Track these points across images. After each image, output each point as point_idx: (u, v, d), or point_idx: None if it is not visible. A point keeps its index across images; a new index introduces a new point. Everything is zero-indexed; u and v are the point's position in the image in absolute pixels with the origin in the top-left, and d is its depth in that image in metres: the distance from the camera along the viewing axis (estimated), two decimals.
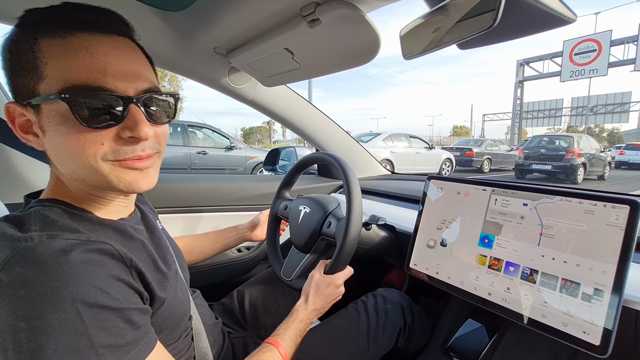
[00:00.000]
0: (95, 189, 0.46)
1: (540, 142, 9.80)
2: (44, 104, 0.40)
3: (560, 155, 9.00)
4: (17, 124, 0.43)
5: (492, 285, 0.67)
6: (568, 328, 0.55)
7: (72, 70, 0.39)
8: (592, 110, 27.19)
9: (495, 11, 0.47)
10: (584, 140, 9.72)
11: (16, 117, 0.42)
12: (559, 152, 9.09)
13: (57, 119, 0.40)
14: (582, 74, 17.49)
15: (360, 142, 1.52)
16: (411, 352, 0.86)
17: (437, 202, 0.81)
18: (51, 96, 0.39)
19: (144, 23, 0.81)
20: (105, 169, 0.42)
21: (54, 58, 0.39)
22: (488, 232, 0.70)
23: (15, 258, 0.36)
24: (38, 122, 0.41)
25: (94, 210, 0.47)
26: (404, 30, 0.64)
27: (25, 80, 0.40)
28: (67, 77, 0.39)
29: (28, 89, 0.40)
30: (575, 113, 28.54)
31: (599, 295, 0.53)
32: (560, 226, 0.60)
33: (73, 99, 0.39)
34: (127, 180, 0.44)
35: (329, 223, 0.80)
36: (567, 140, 9.38)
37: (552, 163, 9.02)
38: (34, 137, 0.43)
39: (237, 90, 1.15)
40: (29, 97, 0.40)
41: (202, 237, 0.92)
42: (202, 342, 0.61)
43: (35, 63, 0.39)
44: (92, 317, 0.36)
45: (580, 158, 8.85)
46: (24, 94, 0.41)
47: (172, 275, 0.52)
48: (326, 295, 0.70)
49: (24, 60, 0.40)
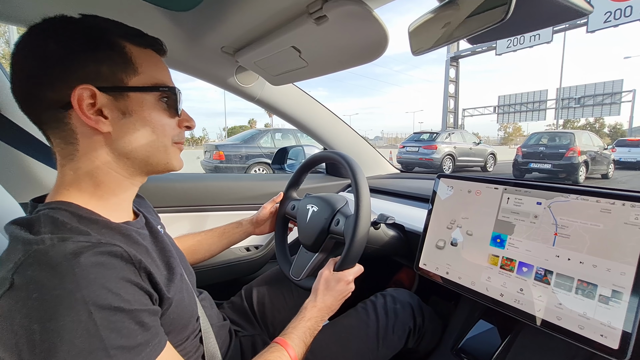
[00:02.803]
0: (131, 176, 0.52)
1: (540, 139, 9.20)
2: (133, 93, 0.48)
3: (560, 153, 8.40)
4: (85, 105, 0.45)
5: (504, 286, 0.65)
6: (584, 331, 0.54)
7: (160, 73, 0.52)
8: (580, 102, 24.45)
9: (507, 5, 0.45)
10: (586, 136, 9.13)
11: (84, 99, 0.44)
12: (559, 150, 8.47)
13: (146, 105, 0.49)
14: (522, 42, 15.27)
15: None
16: (421, 353, 0.85)
17: (447, 201, 0.80)
18: (147, 88, 0.49)
19: (152, 23, 0.82)
20: (171, 149, 0.54)
21: (146, 61, 0.50)
22: (500, 232, 0.68)
23: (28, 261, 0.37)
24: (116, 106, 0.47)
25: (101, 212, 0.47)
26: (412, 25, 0.62)
27: (108, 69, 0.46)
28: (156, 76, 0.51)
29: (111, 78, 0.46)
30: (561, 105, 25.58)
31: (618, 297, 0.52)
32: (575, 225, 0.58)
33: (164, 93, 0.51)
34: (179, 159, 0.56)
35: (337, 221, 0.80)
36: (567, 137, 8.75)
37: (551, 162, 8.45)
38: (104, 119, 0.47)
39: (244, 90, 1.15)
40: (109, 84, 0.46)
41: (207, 234, 0.92)
42: (211, 343, 0.61)
43: (128, 59, 0.47)
44: (104, 319, 0.37)
45: (581, 156, 8.28)
46: (100, 80, 0.45)
47: (178, 278, 0.53)
48: (336, 292, 0.69)
49: (114, 54, 0.46)
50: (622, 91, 22.83)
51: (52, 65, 0.43)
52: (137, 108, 0.48)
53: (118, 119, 0.47)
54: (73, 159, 0.47)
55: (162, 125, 0.51)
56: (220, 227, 0.95)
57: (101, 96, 0.45)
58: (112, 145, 0.48)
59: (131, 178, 0.52)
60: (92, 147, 0.47)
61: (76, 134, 0.46)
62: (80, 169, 0.47)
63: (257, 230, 0.97)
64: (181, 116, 0.55)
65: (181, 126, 0.55)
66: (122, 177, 0.51)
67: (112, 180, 0.50)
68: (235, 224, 0.97)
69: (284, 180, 1.12)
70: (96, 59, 0.45)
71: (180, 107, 0.54)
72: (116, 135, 0.48)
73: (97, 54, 0.45)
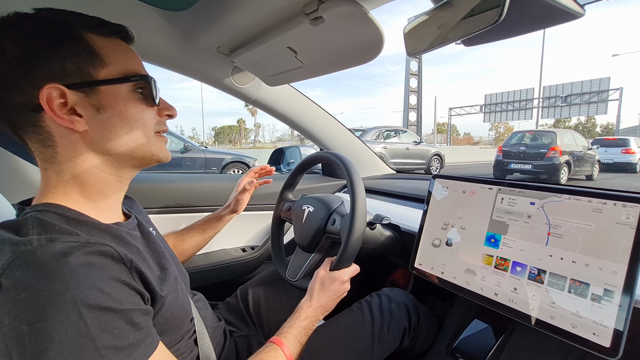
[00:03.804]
0: (116, 173, 0.50)
1: (522, 138, 8.77)
2: (104, 87, 0.46)
3: (541, 153, 7.98)
4: (56, 106, 0.43)
5: (498, 285, 0.66)
6: (577, 329, 0.54)
7: (130, 62, 0.49)
8: (566, 101, 23.84)
9: (500, 7, 0.46)
10: (569, 136, 8.72)
11: (54, 99, 0.43)
12: (540, 149, 8.03)
13: (119, 98, 0.47)
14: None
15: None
16: (416, 352, 0.86)
17: (443, 201, 0.80)
18: (118, 79, 0.47)
19: (147, 23, 0.81)
20: (154, 140, 0.52)
21: (113, 50, 0.47)
22: (494, 232, 0.69)
23: (15, 262, 0.36)
24: (88, 102, 0.45)
25: (90, 213, 0.46)
26: (408, 27, 0.63)
27: (73, 65, 0.43)
28: (126, 66, 0.48)
29: (78, 73, 0.44)
30: (548, 104, 24.97)
31: (609, 296, 0.52)
32: (568, 225, 0.59)
33: (137, 82, 0.49)
34: (165, 150, 0.54)
35: (333, 220, 0.80)
36: (549, 137, 8.30)
37: (532, 162, 8.05)
38: (78, 117, 0.45)
39: (240, 90, 1.15)
40: (78, 80, 0.44)
41: (188, 232, 0.91)
42: (205, 344, 0.61)
43: (93, 51, 0.45)
44: (95, 319, 0.36)
45: (563, 156, 7.89)
46: (67, 77, 0.43)
47: (171, 278, 0.52)
48: (332, 291, 0.69)
49: (78, 48, 0.44)
50: (609, 89, 22.26)
51: (14, 67, 0.41)
52: (110, 102, 0.46)
53: (93, 115, 0.45)
54: (55, 162, 0.46)
55: (141, 116, 0.49)
56: (198, 223, 0.94)
57: (71, 94, 0.43)
58: (92, 144, 0.47)
59: (117, 175, 0.51)
60: (72, 147, 0.46)
61: (53, 136, 0.44)
62: (64, 171, 0.46)
63: (231, 211, 0.96)
64: (160, 105, 0.53)
65: (161, 115, 0.54)
66: (107, 174, 0.49)
67: (98, 180, 0.48)
68: (212, 215, 0.96)
69: (278, 181, 1.12)
70: (59, 55, 0.43)
71: (157, 95, 0.52)
72: (94, 133, 0.46)
73: (59, 49, 0.43)
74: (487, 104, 29.15)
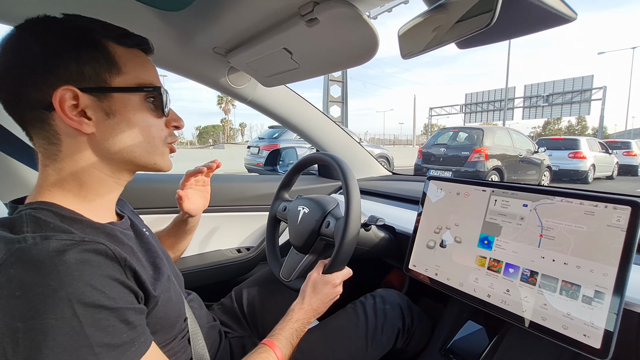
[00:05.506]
0: (115, 175, 0.51)
1: (446, 138, 7.02)
2: (117, 93, 0.47)
3: (463, 156, 6.33)
4: (67, 107, 0.44)
5: (491, 287, 0.66)
6: (568, 331, 0.55)
7: (146, 73, 0.51)
8: (548, 101, 22.40)
9: (492, 11, 0.46)
10: (502, 134, 6.74)
11: (67, 100, 0.44)
12: (462, 152, 6.39)
13: (130, 106, 0.48)
14: None
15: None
16: (410, 353, 0.86)
17: (437, 203, 0.81)
18: (131, 88, 0.48)
19: (143, 23, 0.81)
20: (160, 150, 0.53)
21: (131, 60, 0.49)
22: (488, 233, 0.69)
23: (9, 260, 0.36)
24: (99, 107, 0.46)
25: (84, 213, 0.47)
26: (402, 29, 0.63)
27: (91, 70, 0.45)
28: (141, 76, 0.50)
29: (94, 78, 0.45)
30: (529, 104, 23.54)
31: (600, 297, 0.53)
32: (560, 227, 0.59)
33: (149, 93, 0.50)
34: (168, 160, 0.55)
35: (327, 223, 0.80)
36: (472, 136, 6.51)
37: (452, 167, 6.41)
38: (87, 120, 0.46)
39: (236, 91, 1.15)
40: (93, 84, 0.45)
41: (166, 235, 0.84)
42: (199, 344, 0.60)
43: (112, 59, 0.47)
44: (89, 317, 0.36)
45: (490, 161, 6.13)
46: (84, 81, 0.45)
47: (165, 278, 0.52)
48: (323, 294, 0.69)
49: (98, 54, 0.46)
50: (592, 88, 21.15)
51: (35, 66, 0.43)
52: (121, 109, 0.48)
53: (102, 120, 0.47)
54: (56, 160, 0.46)
55: (148, 125, 0.51)
56: (169, 227, 0.85)
57: (84, 97, 0.45)
58: (97, 146, 0.48)
59: (116, 177, 0.52)
60: (76, 147, 0.46)
61: (59, 135, 0.45)
62: (64, 169, 0.46)
63: (184, 208, 0.80)
64: (169, 116, 0.55)
65: (169, 126, 0.55)
66: (106, 176, 0.50)
67: (96, 180, 0.49)
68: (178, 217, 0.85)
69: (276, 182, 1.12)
70: (79, 60, 0.44)
71: (167, 107, 0.53)
72: (100, 136, 0.47)
73: (80, 54, 0.44)
74: (467, 103, 28.24)
